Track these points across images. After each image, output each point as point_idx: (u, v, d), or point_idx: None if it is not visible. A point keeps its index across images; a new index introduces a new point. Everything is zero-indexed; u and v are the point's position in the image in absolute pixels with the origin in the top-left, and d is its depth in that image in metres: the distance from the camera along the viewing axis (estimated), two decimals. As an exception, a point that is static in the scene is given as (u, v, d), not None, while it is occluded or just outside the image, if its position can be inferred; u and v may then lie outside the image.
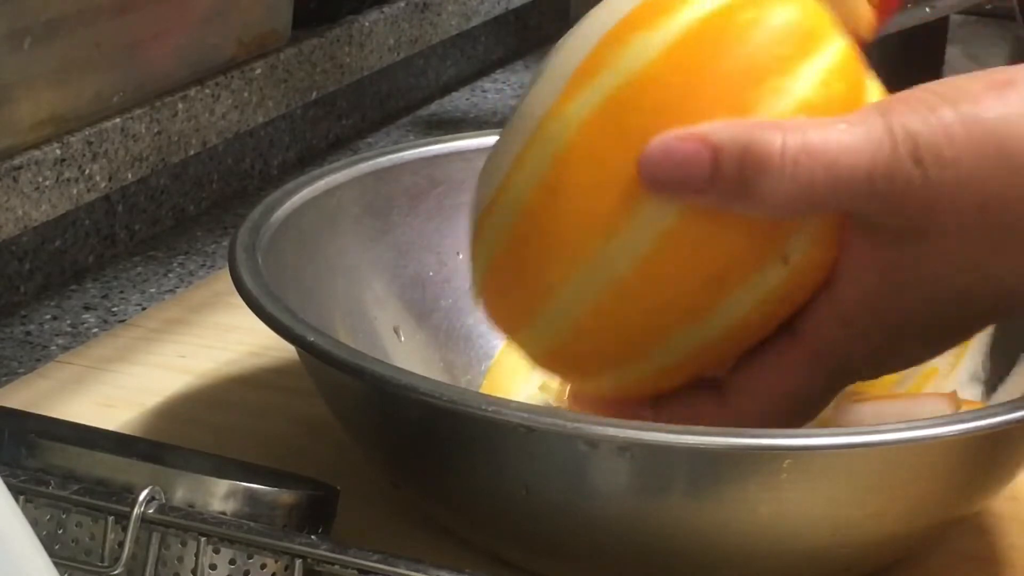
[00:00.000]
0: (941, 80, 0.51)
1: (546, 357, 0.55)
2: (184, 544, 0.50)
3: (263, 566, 0.50)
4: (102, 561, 0.51)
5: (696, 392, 0.54)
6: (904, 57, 1.01)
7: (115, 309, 0.84)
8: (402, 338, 0.68)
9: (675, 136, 0.50)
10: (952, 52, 1.06)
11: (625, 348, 0.53)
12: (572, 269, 0.52)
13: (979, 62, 1.06)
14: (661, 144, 0.50)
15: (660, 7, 0.52)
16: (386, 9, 1.07)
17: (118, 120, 0.85)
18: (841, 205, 0.50)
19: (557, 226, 0.51)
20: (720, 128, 0.50)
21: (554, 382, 0.67)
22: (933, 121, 0.49)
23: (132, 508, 0.50)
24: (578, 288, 0.52)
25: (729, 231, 0.50)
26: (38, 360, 0.77)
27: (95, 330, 0.81)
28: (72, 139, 0.82)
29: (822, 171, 0.49)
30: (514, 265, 0.53)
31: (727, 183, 0.49)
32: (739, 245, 0.51)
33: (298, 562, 0.50)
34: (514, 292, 0.54)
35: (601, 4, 0.54)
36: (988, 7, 1.06)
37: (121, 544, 0.50)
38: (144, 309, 0.83)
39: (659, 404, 0.54)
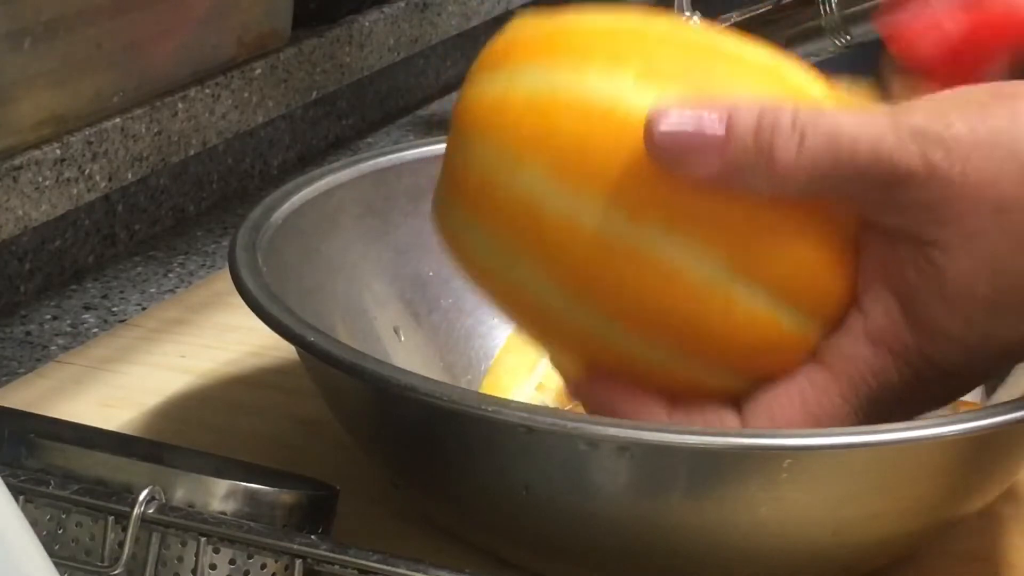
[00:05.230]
0: (946, 91, 0.51)
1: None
2: (184, 544, 0.50)
3: (263, 566, 0.50)
4: (102, 561, 0.51)
5: (715, 407, 0.52)
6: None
7: (115, 309, 0.84)
8: (402, 338, 0.68)
9: (684, 101, 0.49)
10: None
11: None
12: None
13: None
14: (671, 106, 0.49)
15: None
16: (386, 9, 1.07)
17: (118, 120, 0.85)
18: (846, 183, 0.49)
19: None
20: (731, 99, 0.50)
21: (552, 382, 0.67)
22: (938, 122, 0.49)
23: (132, 508, 0.50)
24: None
25: None
26: (38, 360, 0.77)
27: (95, 330, 0.81)
28: (72, 139, 0.82)
29: (825, 140, 0.48)
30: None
31: (739, 146, 0.49)
32: None
33: (298, 562, 0.50)
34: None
35: None
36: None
37: (121, 544, 0.50)
38: (144, 309, 0.83)
39: (675, 408, 0.52)
